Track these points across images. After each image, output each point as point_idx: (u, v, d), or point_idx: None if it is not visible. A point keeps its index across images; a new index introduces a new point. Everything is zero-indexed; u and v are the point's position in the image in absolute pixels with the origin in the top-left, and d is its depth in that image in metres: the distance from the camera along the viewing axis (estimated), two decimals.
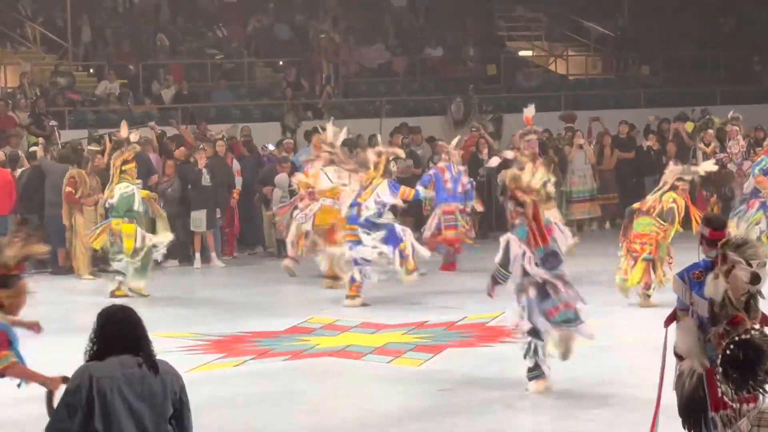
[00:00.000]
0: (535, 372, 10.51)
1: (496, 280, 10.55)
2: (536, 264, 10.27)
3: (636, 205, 14.58)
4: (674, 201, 14.38)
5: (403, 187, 15.33)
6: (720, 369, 6.87)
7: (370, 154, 15.11)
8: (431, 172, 17.83)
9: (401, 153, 16.74)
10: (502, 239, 10.55)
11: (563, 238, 10.75)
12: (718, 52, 29.07)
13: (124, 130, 16.62)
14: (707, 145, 20.98)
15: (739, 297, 7.08)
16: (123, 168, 15.43)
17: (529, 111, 17.08)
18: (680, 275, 7.43)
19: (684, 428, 7.44)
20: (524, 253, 10.26)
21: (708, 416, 7.22)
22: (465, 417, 9.99)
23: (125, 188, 15.45)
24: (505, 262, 10.42)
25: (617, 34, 29.46)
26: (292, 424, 9.99)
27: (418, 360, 12.10)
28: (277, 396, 10.81)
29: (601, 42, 29.42)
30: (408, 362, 12.04)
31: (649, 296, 14.37)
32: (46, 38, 24.91)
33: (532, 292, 10.34)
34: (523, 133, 17.17)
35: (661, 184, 14.67)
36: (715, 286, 7.09)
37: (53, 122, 20.46)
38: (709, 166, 15.07)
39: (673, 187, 14.44)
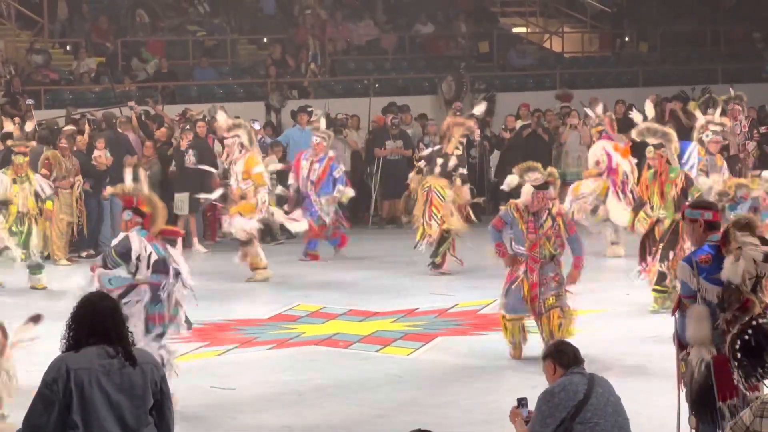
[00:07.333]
0: None
1: (106, 264, 10.05)
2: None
3: None
4: None
5: None
6: (738, 355, 6.81)
7: None
8: None
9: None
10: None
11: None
12: (719, 28, 28.77)
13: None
14: None
15: (747, 280, 7.15)
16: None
17: None
18: (687, 260, 7.42)
19: (695, 420, 7.38)
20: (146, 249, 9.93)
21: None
22: (457, 407, 9.93)
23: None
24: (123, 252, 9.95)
25: (614, 10, 29.37)
26: (277, 416, 9.85)
27: (407, 349, 11.99)
28: (262, 387, 10.70)
29: (598, 18, 29.29)
30: (397, 351, 11.95)
31: None
32: (20, 14, 24.61)
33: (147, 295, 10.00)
34: None
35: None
36: (734, 269, 7.09)
37: (29, 100, 19.87)
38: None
39: None
